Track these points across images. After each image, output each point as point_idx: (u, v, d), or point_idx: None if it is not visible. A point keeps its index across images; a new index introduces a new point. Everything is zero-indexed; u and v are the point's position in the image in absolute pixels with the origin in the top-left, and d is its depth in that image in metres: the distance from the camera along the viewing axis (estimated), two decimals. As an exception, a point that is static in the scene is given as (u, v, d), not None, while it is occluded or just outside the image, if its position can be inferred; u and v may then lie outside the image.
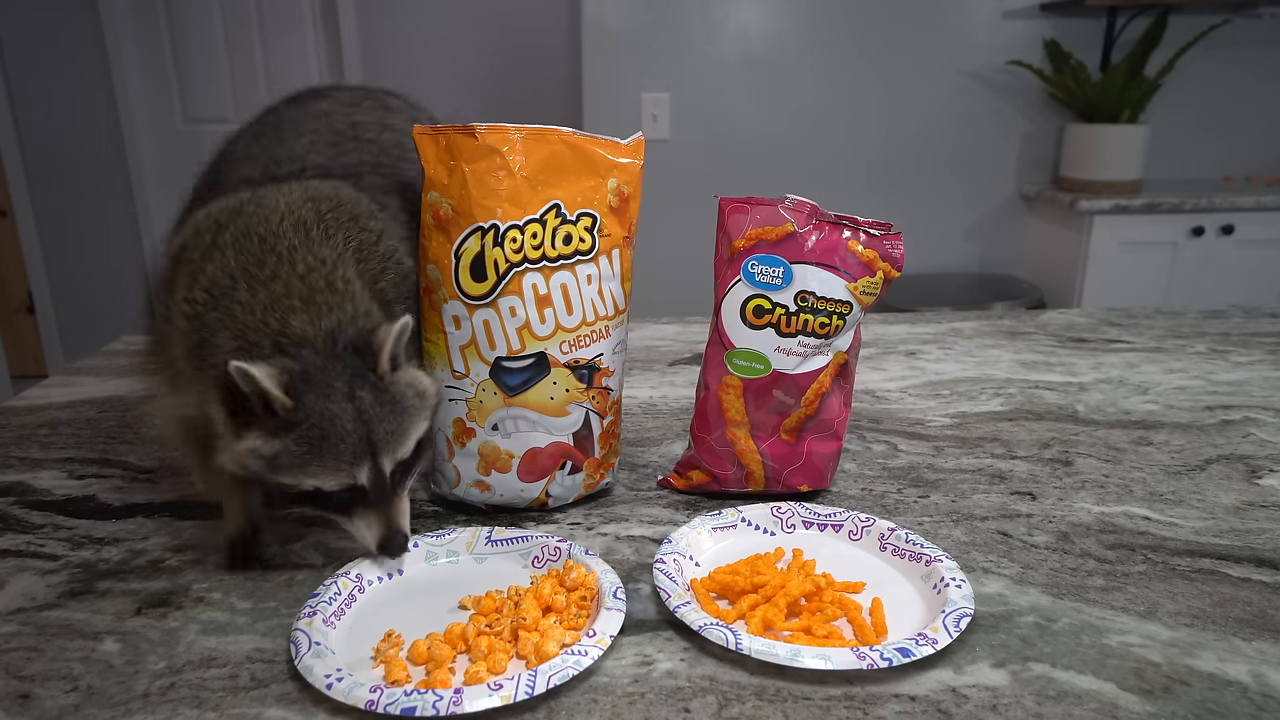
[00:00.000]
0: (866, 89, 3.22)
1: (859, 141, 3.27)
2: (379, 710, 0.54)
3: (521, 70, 3.94)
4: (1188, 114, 3.23)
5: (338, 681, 0.56)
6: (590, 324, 0.79)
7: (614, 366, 0.83)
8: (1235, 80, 3.21)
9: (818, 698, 0.58)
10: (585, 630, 0.64)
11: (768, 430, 0.83)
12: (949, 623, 0.62)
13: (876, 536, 0.76)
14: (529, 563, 0.74)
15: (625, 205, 0.81)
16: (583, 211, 0.77)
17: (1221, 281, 2.92)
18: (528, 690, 0.56)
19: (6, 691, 0.60)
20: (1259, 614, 0.66)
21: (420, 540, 0.75)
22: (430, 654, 0.61)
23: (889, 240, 0.80)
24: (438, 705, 0.54)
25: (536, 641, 0.61)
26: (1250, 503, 0.84)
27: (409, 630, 0.64)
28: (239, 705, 0.58)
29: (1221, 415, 1.04)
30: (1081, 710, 0.56)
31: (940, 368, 1.23)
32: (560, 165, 0.76)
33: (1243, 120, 3.26)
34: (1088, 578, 0.71)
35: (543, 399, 0.79)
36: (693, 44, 3.16)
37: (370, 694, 0.55)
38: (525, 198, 0.75)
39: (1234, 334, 1.36)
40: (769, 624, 0.64)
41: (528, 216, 0.75)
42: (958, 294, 3.09)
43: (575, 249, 0.77)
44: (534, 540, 0.75)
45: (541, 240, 0.76)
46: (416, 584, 0.72)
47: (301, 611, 0.64)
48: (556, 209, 0.76)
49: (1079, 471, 0.90)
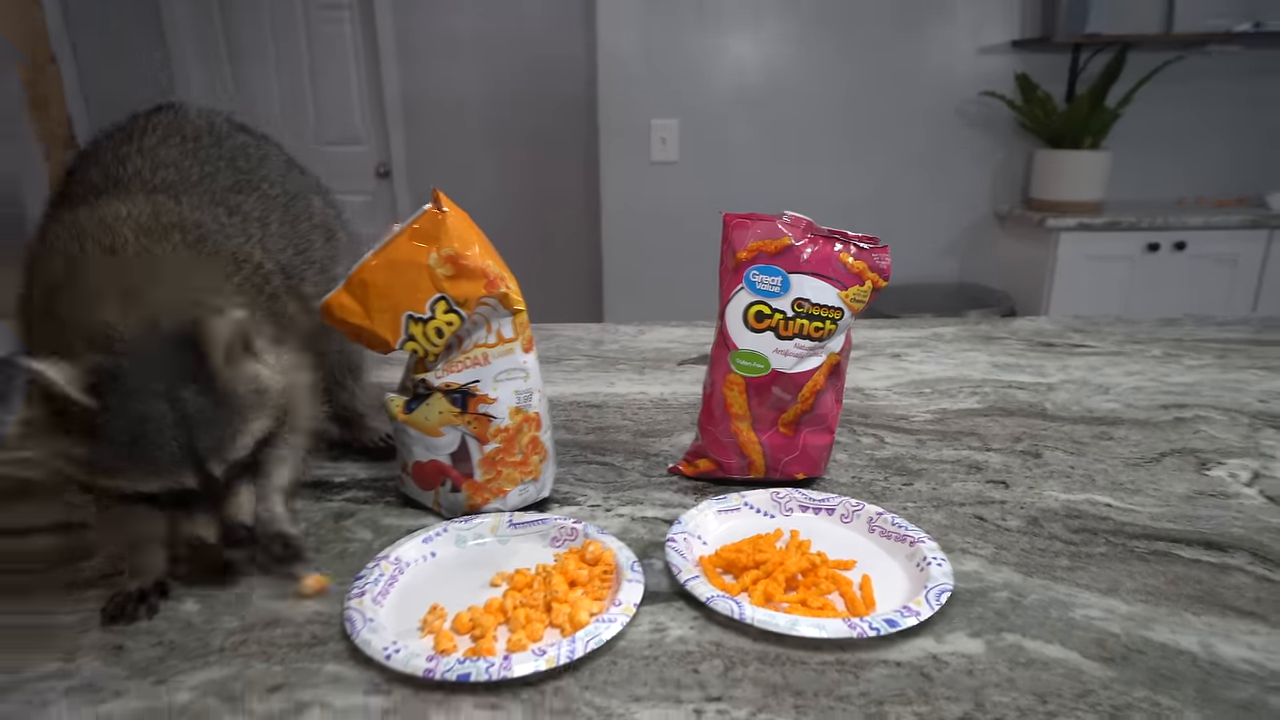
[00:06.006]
0: (856, 115, 3.23)
1: (849, 163, 3.27)
2: (436, 677, 0.54)
3: (543, 80, 3.92)
4: (1144, 141, 3.22)
5: (395, 653, 0.56)
6: (466, 351, 0.75)
7: (495, 395, 0.76)
8: (1187, 111, 3.21)
9: (813, 662, 0.58)
10: (611, 600, 0.65)
11: (767, 423, 0.83)
12: (930, 597, 0.63)
13: (865, 519, 0.76)
14: (548, 542, 0.74)
15: (460, 261, 0.73)
16: (434, 300, 0.73)
17: (1175, 292, 2.92)
18: (569, 655, 0.57)
19: (104, 643, 0.61)
20: (1208, 591, 0.66)
21: (450, 526, 0.74)
22: (475, 624, 0.61)
23: (877, 253, 0.81)
24: (490, 670, 0.55)
25: (569, 611, 0.62)
26: (1200, 492, 0.84)
27: (449, 605, 0.64)
28: (301, 660, 0.59)
29: (1175, 413, 1.04)
30: (1049, 676, 0.56)
31: (922, 368, 1.23)
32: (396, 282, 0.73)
33: (1194, 147, 3.26)
34: (1055, 558, 0.72)
35: (419, 418, 0.77)
36: (699, 75, 3.16)
37: (427, 663, 0.55)
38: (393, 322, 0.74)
39: (1186, 340, 1.35)
40: (769, 596, 0.65)
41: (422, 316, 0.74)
42: (938, 302, 3.08)
43: (452, 328, 0.74)
44: (552, 522, 0.75)
45: (432, 333, 0.74)
46: (450, 565, 0.71)
47: (351, 592, 0.64)
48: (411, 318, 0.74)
49: (1047, 463, 0.91)
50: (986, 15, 3.13)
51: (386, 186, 4.24)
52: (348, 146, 4.22)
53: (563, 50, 3.90)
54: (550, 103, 4.00)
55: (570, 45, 3.88)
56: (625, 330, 1.44)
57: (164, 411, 0.57)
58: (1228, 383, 1.15)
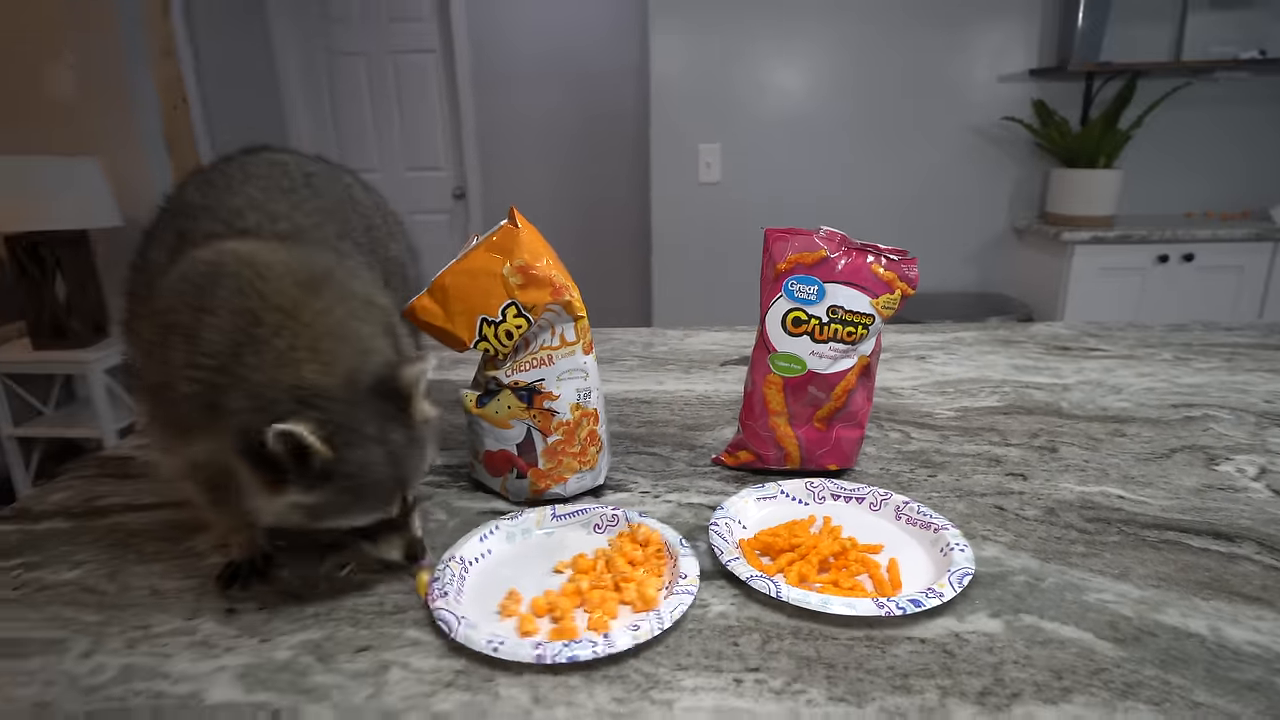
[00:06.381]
0: (886, 139, 3.19)
1: (880, 182, 3.23)
2: (547, 660, 0.53)
3: (600, 112, 4.00)
4: (1154, 160, 3.14)
5: (500, 645, 0.55)
6: (532, 353, 0.76)
7: (558, 392, 0.77)
8: (1194, 133, 3.12)
9: (843, 638, 0.57)
10: (672, 574, 0.64)
11: (803, 419, 0.82)
12: (953, 580, 0.61)
13: (893, 508, 0.75)
14: (591, 529, 0.73)
15: (530, 271, 0.74)
16: (505, 305, 0.74)
17: (1183, 301, 2.83)
18: (659, 626, 0.56)
19: (217, 608, 0.63)
20: (1216, 578, 0.64)
21: (500, 524, 0.71)
22: (554, 606, 0.60)
23: (905, 264, 0.79)
24: (595, 649, 0.54)
25: (638, 589, 0.61)
26: (1209, 485, 0.81)
27: (522, 592, 0.63)
28: (384, 625, 0.60)
29: (1185, 412, 1.01)
30: (1064, 654, 0.55)
31: (946, 370, 1.21)
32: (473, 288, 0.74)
33: (1200, 166, 3.17)
34: (1070, 545, 0.70)
35: (490, 412, 0.77)
36: (740, 104, 3.15)
37: (535, 650, 0.54)
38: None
39: (1195, 344, 1.31)
40: (803, 577, 0.64)
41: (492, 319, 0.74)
42: (960, 309, 3.03)
43: (520, 330, 0.75)
44: (592, 511, 0.74)
45: (502, 334, 0.75)
46: (506, 559, 0.69)
47: (433, 594, 0.61)
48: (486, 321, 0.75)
49: (1063, 457, 0.88)
50: (1007, 46, 3.08)
51: (462, 206, 4.31)
52: (429, 172, 4.30)
53: (618, 85, 3.94)
54: (606, 132, 4.03)
55: (624, 81, 3.91)
56: (673, 334, 1.44)
57: (380, 454, 0.58)
58: (1235, 384, 1.11)
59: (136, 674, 0.55)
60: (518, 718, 0.50)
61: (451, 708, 0.51)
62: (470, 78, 4.03)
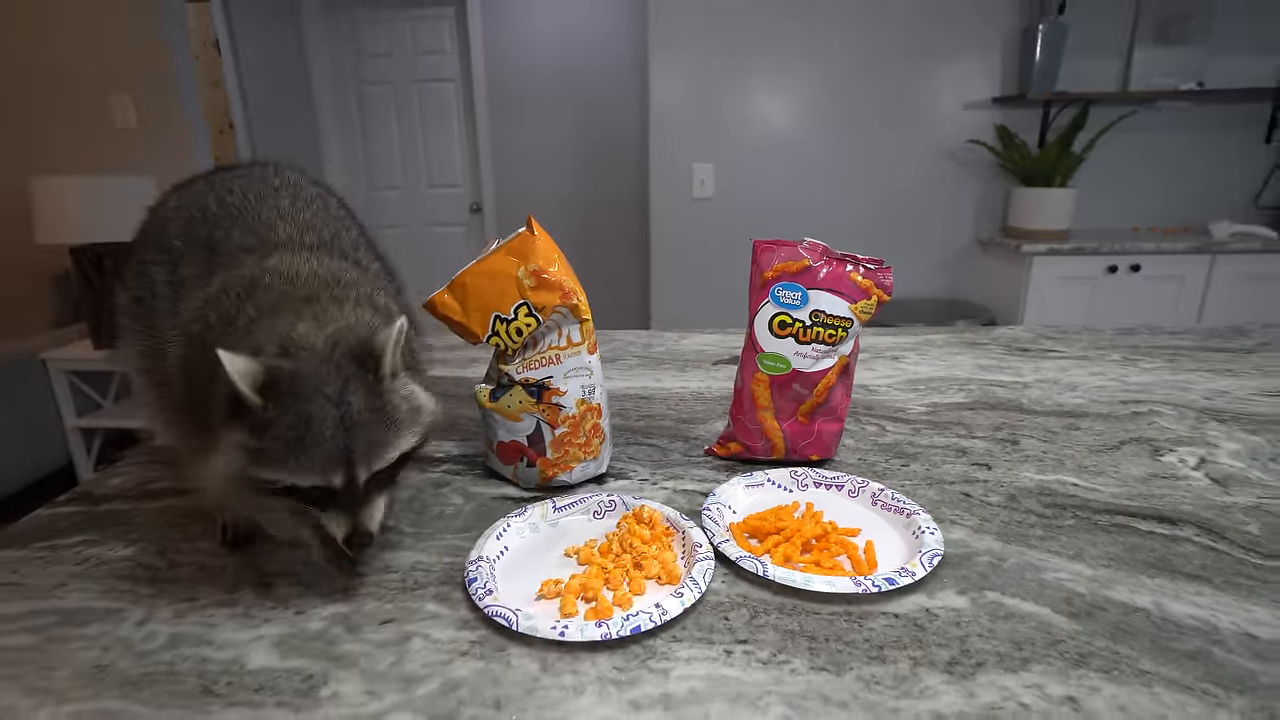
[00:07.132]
0: (863, 159, 3.19)
1: (858, 198, 3.23)
2: (613, 636, 0.53)
3: (603, 134, 4.01)
4: (1104, 180, 3.14)
5: (565, 629, 0.53)
6: (541, 352, 0.75)
7: (565, 389, 0.76)
8: (1140, 155, 3.12)
9: (824, 613, 0.57)
10: (687, 546, 0.64)
11: (788, 413, 0.82)
12: (924, 560, 0.61)
13: (869, 494, 0.74)
14: (591, 515, 0.72)
15: (543, 275, 0.73)
16: (517, 305, 0.73)
17: (1131, 307, 2.83)
18: (698, 592, 0.57)
19: (256, 581, 0.63)
20: (1160, 559, 0.64)
21: (510, 521, 0.68)
22: (586, 587, 0.59)
23: (881, 272, 0.79)
24: (653, 619, 0.54)
25: (660, 563, 0.61)
26: (1154, 474, 0.80)
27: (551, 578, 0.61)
28: (406, 600, 0.59)
29: (1132, 408, 1.00)
30: (1024, 627, 0.55)
31: (918, 369, 1.20)
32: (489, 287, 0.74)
33: (1146, 185, 3.17)
34: (1030, 529, 0.69)
35: (503, 406, 0.77)
36: (731, 128, 3.15)
37: (598, 629, 0.53)
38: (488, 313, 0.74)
39: (1141, 346, 1.30)
40: (788, 557, 0.64)
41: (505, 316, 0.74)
42: (930, 314, 3.03)
43: (530, 329, 0.74)
44: (590, 499, 0.73)
45: (513, 331, 0.74)
46: (522, 551, 0.66)
47: (477, 595, 0.57)
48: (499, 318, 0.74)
49: (1023, 449, 0.88)
50: (971, 77, 3.08)
51: (478, 220, 4.31)
52: (448, 189, 4.30)
53: (621, 110, 3.93)
54: (609, 153, 4.03)
55: (627, 107, 3.90)
56: (669, 335, 1.43)
57: (331, 414, 0.52)
58: (1177, 383, 1.10)
59: (184, 641, 0.55)
60: (527, 684, 0.50)
61: (467, 674, 0.51)
62: (486, 104, 4.03)
